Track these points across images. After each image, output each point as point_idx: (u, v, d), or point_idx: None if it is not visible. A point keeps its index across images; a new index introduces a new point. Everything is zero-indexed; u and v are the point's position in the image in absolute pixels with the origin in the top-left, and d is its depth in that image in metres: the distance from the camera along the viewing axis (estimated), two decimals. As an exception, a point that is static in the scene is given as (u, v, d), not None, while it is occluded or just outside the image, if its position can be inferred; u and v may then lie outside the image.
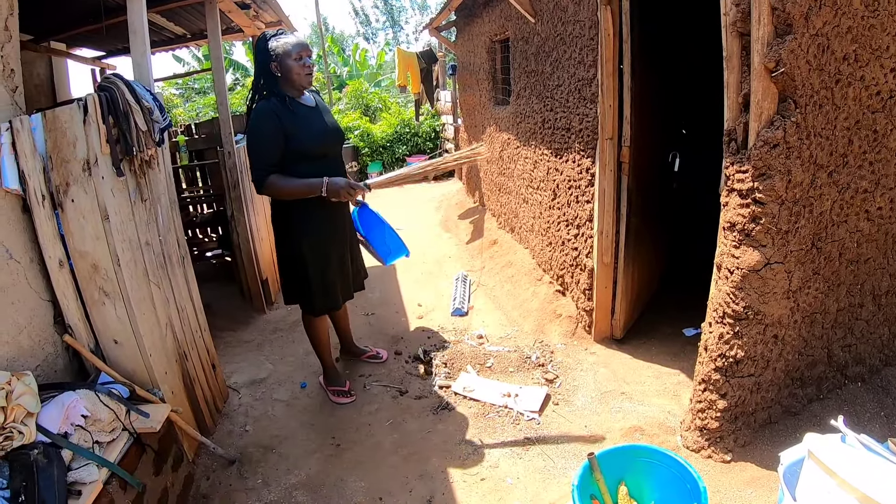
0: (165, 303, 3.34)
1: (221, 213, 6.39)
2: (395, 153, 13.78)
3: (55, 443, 2.32)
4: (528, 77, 5.82)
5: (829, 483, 1.97)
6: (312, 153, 3.57)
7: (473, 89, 8.93)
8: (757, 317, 2.89)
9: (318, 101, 3.82)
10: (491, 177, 7.96)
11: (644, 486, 2.73)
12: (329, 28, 34.46)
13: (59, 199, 2.69)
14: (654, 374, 4.09)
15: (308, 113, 3.63)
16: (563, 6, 4.66)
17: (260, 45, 3.53)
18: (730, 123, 2.81)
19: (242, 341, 5.28)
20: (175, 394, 3.29)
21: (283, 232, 3.75)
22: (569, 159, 4.83)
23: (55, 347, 2.76)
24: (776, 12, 2.53)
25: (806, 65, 2.61)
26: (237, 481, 3.37)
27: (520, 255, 6.39)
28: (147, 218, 3.20)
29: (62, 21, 5.34)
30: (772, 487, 2.78)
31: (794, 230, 2.81)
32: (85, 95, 2.71)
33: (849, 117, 2.86)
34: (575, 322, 4.83)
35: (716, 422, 3.11)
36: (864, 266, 3.23)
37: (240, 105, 16.28)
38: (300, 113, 3.56)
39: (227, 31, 6.79)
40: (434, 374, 4.41)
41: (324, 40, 22.27)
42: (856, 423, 3.11)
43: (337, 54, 24.44)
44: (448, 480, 3.28)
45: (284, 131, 3.45)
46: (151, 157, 3.25)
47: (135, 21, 3.30)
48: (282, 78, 3.52)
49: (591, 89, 4.28)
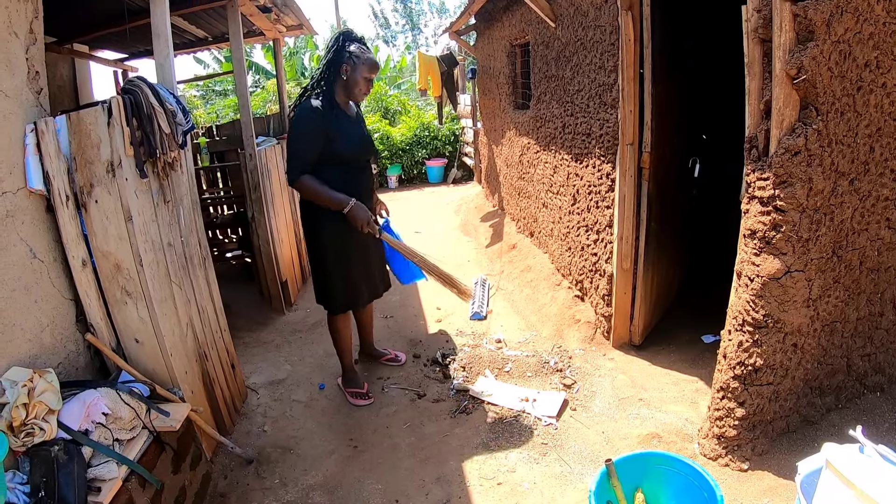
0: (186, 303, 3.37)
1: (242, 214, 6.43)
2: (415, 156, 13.80)
3: (76, 440, 2.36)
4: (549, 81, 5.82)
5: (847, 494, 1.95)
6: (346, 159, 3.73)
7: (493, 93, 8.94)
8: (776, 325, 2.88)
9: (358, 112, 3.97)
10: (510, 181, 7.96)
11: (661, 494, 2.73)
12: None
13: (83, 199, 2.74)
14: (672, 380, 4.08)
15: (348, 121, 3.76)
16: (583, 11, 4.66)
17: (340, 42, 3.66)
18: (751, 130, 2.80)
19: (261, 342, 5.32)
20: (195, 393, 3.32)
21: (309, 224, 3.87)
22: (589, 164, 4.82)
23: (77, 346, 2.80)
24: (798, 19, 2.52)
25: (828, 72, 2.60)
26: (254, 481, 3.39)
27: (539, 260, 6.38)
28: (169, 219, 3.24)
29: (85, 23, 5.40)
30: (789, 497, 2.77)
31: (814, 238, 2.79)
32: (109, 98, 2.76)
33: (870, 125, 2.84)
34: (593, 328, 4.82)
35: (733, 430, 3.10)
36: (884, 275, 3.21)
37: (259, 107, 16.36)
38: (342, 120, 3.70)
39: (249, 35, 6.86)
40: (452, 378, 4.42)
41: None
42: (874, 434, 3.08)
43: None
44: (465, 484, 3.28)
45: (326, 133, 3.58)
46: (175, 159, 3.29)
47: (158, 24, 3.35)
48: (345, 83, 3.67)
49: (611, 94, 4.28)
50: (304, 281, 6.91)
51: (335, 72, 3.64)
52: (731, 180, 2.99)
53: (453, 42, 10.94)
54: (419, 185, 13.83)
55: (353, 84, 3.66)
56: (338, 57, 3.63)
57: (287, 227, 6.40)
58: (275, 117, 7.30)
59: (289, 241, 6.41)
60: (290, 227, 6.52)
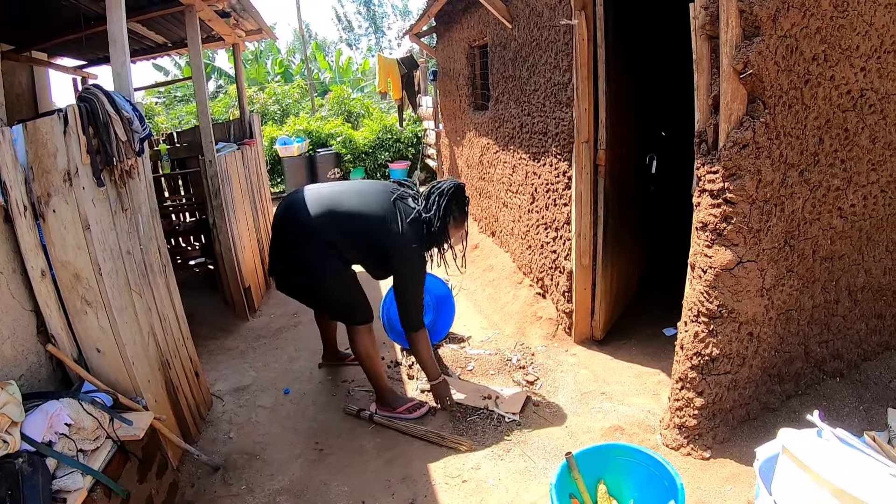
0: (147, 311, 3.34)
1: (204, 221, 6.38)
2: (378, 159, 13.75)
3: (39, 451, 2.32)
4: (507, 82, 5.87)
5: (804, 477, 1.99)
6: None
7: (454, 95, 8.97)
8: (731, 315, 2.94)
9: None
10: (471, 181, 7.99)
11: (623, 485, 2.77)
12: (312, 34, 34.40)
13: (41, 209, 2.70)
14: (634, 374, 4.14)
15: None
16: (538, 12, 4.71)
17: (457, 193, 3.74)
18: (700, 125, 2.86)
19: (226, 349, 5.28)
20: (158, 402, 3.29)
21: (319, 267, 3.73)
22: (546, 163, 4.87)
23: (38, 357, 2.76)
24: (744, 15, 2.58)
25: (774, 66, 2.66)
26: (221, 488, 3.37)
27: (500, 259, 6.42)
28: (128, 227, 3.21)
29: (43, 31, 5.33)
30: (751, 483, 2.82)
31: (765, 229, 2.86)
32: (65, 106, 2.73)
33: (819, 117, 2.91)
34: (555, 324, 4.86)
35: (694, 419, 3.15)
36: (838, 263, 3.29)
37: (222, 113, 16.21)
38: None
39: (208, 40, 6.81)
40: (416, 378, 4.43)
41: (306, 46, 22.27)
42: (835, 418, 3.16)
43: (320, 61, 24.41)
44: (430, 483, 3.29)
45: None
46: (132, 166, 3.25)
47: (114, 31, 3.31)
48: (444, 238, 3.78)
49: (566, 93, 4.33)
50: (267, 287, 6.86)
51: (445, 227, 3.72)
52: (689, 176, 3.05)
53: (416, 44, 10.95)
54: (383, 188, 13.72)
55: (449, 239, 3.83)
56: (447, 214, 3.70)
57: (249, 233, 6.35)
58: (235, 122, 7.24)
59: (251, 246, 6.36)
60: (251, 233, 6.47)
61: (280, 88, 18.79)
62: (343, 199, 3.69)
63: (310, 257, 3.65)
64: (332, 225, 3.61)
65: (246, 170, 6.46)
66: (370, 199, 3.68)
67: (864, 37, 2.95)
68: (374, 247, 3.67)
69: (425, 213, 3.66)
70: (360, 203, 3.66)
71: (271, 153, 13.22)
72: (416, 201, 3.73)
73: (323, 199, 3.69)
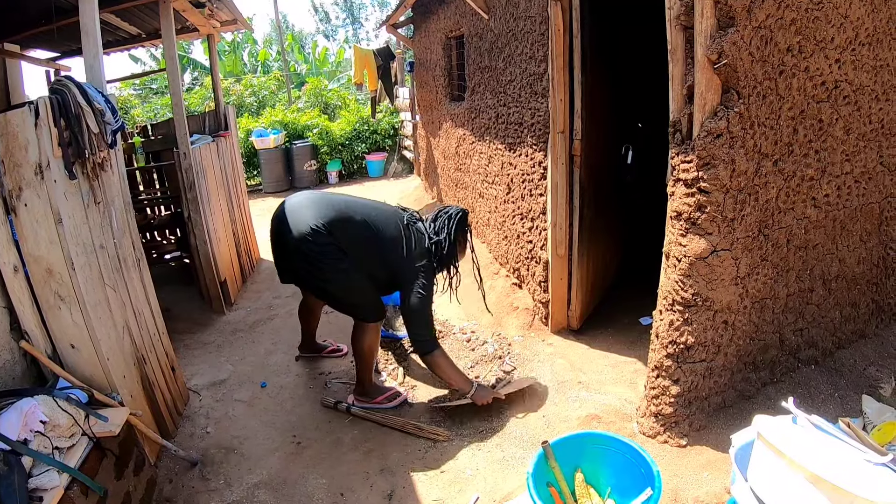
0: (122, 306, 3.31)
1: (179, 215, 6.32)
2: (355, 151, 13.70)
3: (15, 450, 2.29)
4: (483, 73, 5.86)
5: (778, 463, 2.01)
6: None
7: (430, 86, 8.95)
8: (705, 303, 2.96)
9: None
10: (448, 172, 7.99)
11: (600, 473, 2.79)
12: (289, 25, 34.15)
13: (12, 203, 2.65)
14: (610, 363, 4.16)
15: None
16: (514, 2, 4.71)
17: (463, 218, 3.98)
18: (675, 115, 2.87)
19: (202, 343, 5.24)
20: (134, 397, 3.26)
21: (329, 268, 3.68)
22: (522, 153, 4.87)
23: (12, 354, 2.72)
24: (718, 5, 2.60)
25: (749, 56, 2.67)
26: (200, 483, 3.35)
27: (477, 250, 6.39)
28: (101, 221, 3.16)
29: (15, 22, 5.23)
30: (727, 470, 2.84)
31: (739, 218, 2.88)
32: (36, 98, 2.68)
33: (793, 107, 2.94)
34: (532, 314, 4.88)
35: (670, 407, 3.17)
36: (812, 252, 3.32)
37: (198, 105, 16.04)
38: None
39: (183, 31, 6.71)
40: (393, 369, 4.42)
41: (283, 37, 22.10)
42: (810, 405, 3.21)
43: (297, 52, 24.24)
44: (408, 474, 3.30)
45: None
46: (104, 159, 3.21)
47: (87, 22, 3.26)
48: (453, 259, 3.97)
49: (542, 84, 4.33)
50: (244, 280, 6.81)
51: (454, 248, 3.91)
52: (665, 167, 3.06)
53: (393, 35, 10.92)
54: (360, 180, 13.71)
55: (458, 256, 4.01)
56: (456, 240, 3.91)
57: (225, 227, 6.29)
58: (210, 114, 7.16)
59: (227, 240, 6.31)
60: (227, 227, 6.41)
61: (256, 80, 18.63)
62: (357, 208, 3.76)
63: (323, 256, 3.65)
64: (343, 229, 3.61)
65: (221, 162, 6.40)
66: (384, 217, 3.79)
67: (838, 29, 2.98)
68: (377, 261, 3.71)
69: (435, 235, 3.82)
70: (375, 218, 3.75)
71: (247, 145, 13.10)
72: (425, 224, 3.89)
73: (336, 203, 3.74)
